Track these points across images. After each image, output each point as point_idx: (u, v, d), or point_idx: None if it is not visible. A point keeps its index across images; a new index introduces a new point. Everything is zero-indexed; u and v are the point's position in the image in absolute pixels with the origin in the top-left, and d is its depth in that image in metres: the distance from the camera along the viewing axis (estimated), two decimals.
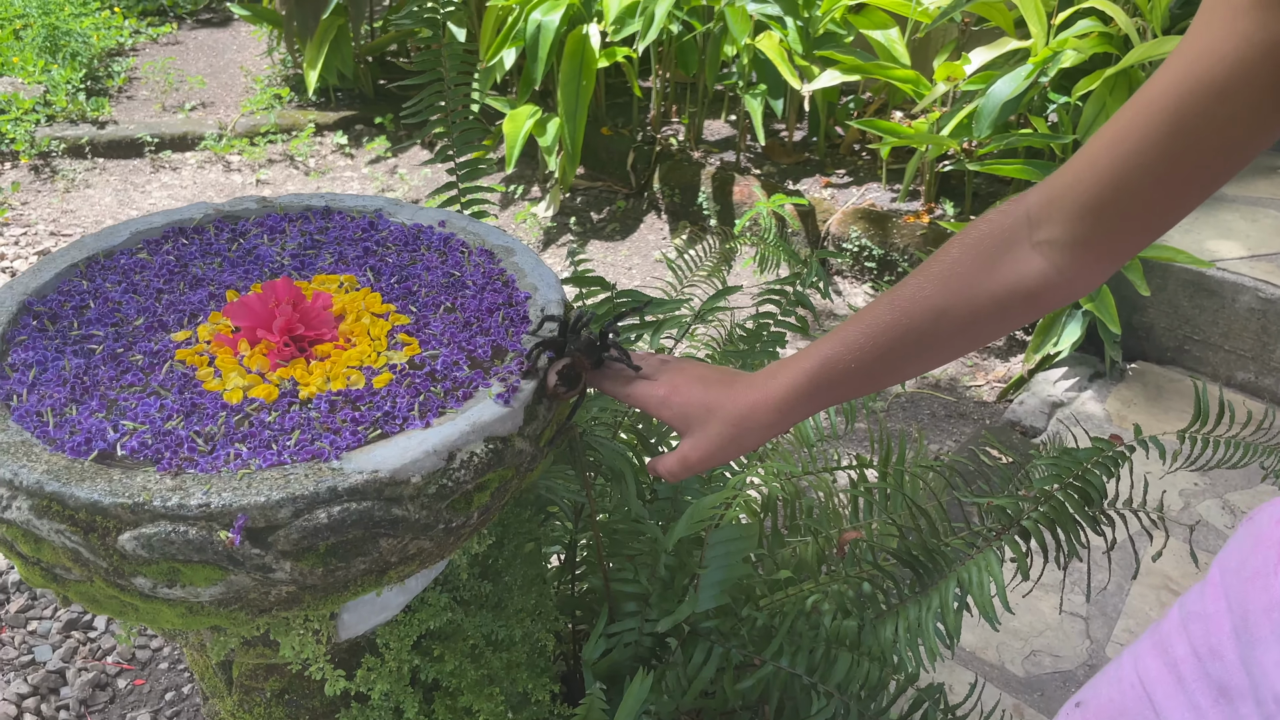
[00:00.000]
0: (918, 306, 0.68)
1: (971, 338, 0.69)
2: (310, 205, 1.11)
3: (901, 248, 2.62)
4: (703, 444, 0.77)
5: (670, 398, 0.78)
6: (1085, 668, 1.63)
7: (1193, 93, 0.55)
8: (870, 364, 0.71)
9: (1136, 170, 0.58)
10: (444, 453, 0.78)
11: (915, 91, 2.63)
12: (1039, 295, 0.66)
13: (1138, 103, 0.58)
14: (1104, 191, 0.60)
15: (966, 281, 0.67)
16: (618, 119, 3.34)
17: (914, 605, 1.13)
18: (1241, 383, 2.27)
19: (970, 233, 0.68)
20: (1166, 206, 0.60)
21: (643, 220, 3.12)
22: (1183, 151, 0.57)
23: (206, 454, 0.76)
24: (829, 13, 2.76)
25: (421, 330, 0.91)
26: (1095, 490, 1.00)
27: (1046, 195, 0.64)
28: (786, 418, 0.74)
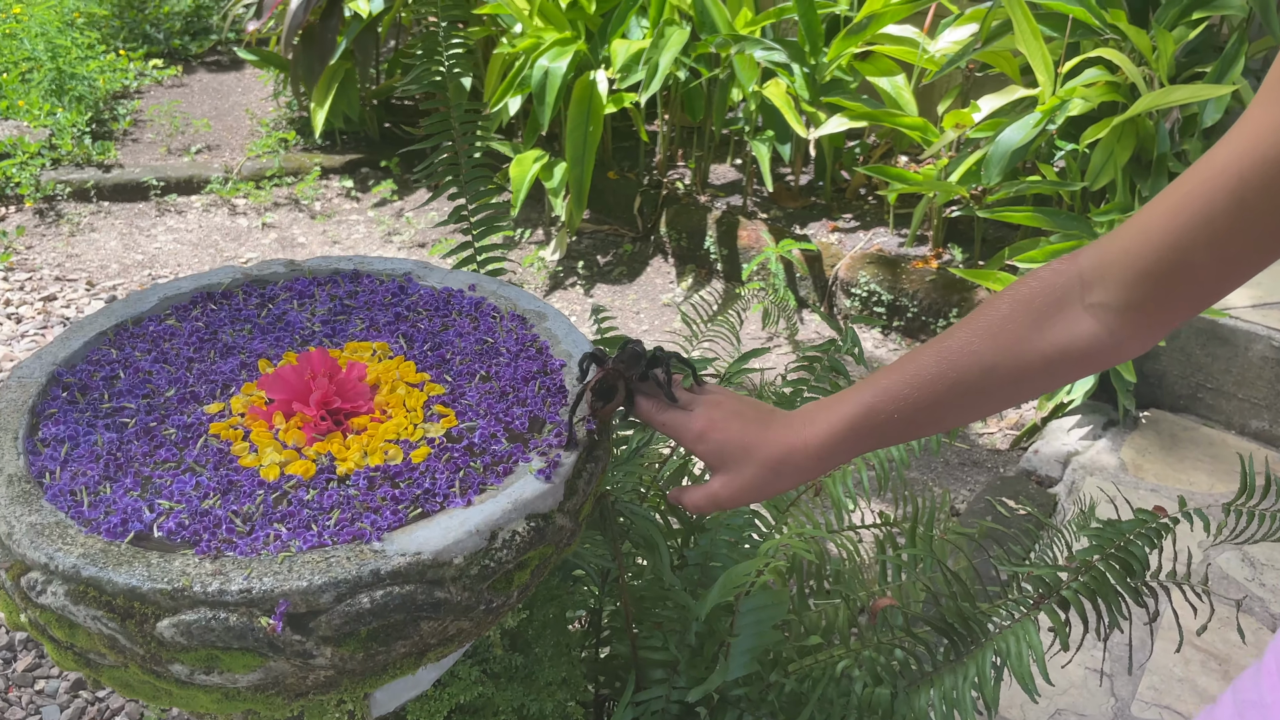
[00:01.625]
0: (966, 360, 0.68)
1: (1018, 393, 0.68)
2: (339, 269, 1.10)
3: (910, 293, 2.62)
4: (735, 484, 0.75)
5: (707, 433, 0.76)
6: None
7: (1256, 169, 0.54)
8: (913, 414, 0.70)
9: (1194, 241, 0.58)
10: (486, 532, 0.76)
11: (923, 138, 2.64)
12: (1089, 356, 0.65)
13: (1198, 175, 0.58)
14: (1160, 260, 0.60)
15: (1016, 338, 0.66)
16: (624, 162, 3.35)
17: (949, 674, 1.12)
18: (1256, 431, 2.26)
19: (1021, 289, 0.67)
20: (1222, 276, 0.59)
21: (649, 263, 3.12)
22: (1243, 226, 0.56)
23: (245, 535, 0.74)
24: (835, 60, 2.78)
25: (457, 400, 0.90)
26: (1138, 561, 0.98)
27: (1100, 258, 0.64)
28: (824, 464, 0.73)
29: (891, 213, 2.86)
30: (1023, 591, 1.07)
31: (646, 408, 0.80)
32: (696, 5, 2.87)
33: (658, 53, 2.69)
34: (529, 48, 2.89)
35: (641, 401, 0.80)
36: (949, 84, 2.97)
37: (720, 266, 2.99)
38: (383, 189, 3.44)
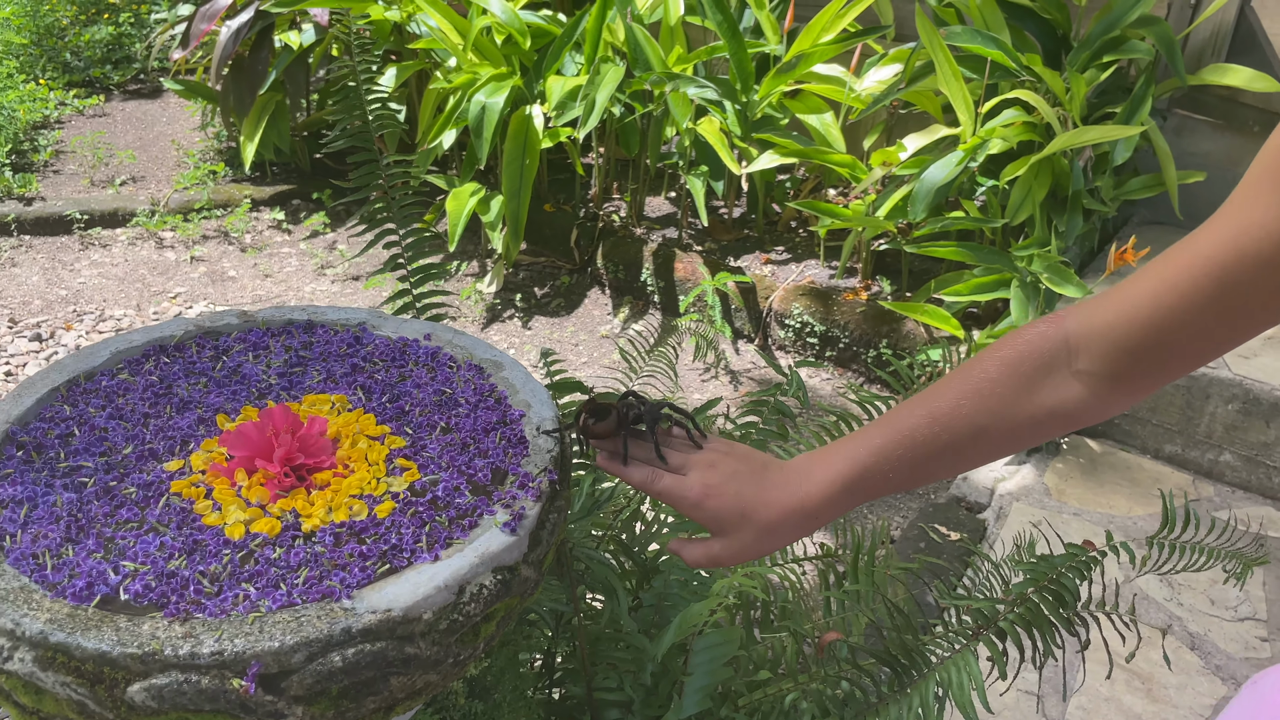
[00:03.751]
0: (958, 422, 0.70)
1: (1006, 450, 0.72)
2: (292, 319, 1.11)
3: (842, 324, 2.69)
4: (734, 546, 0.76)
5: (704, 501, 0.76)
6: None
7: (1239, 262, 0.58)
8: (906, 471, 0.73)
9: (1177, 324, 0.62)
10: (454, 587, 0.78)
11: (852, 174, 2.72)
12: (1076, 417, 0.69)
13: (1182, 260, 0.61)
14: (1145, 338, 0.64)
15: (1006, 401, 0.69)
16: (559, 195, 3.38)
17: (894, 704, 1.16)
18: (1169, 455, 2.37)
19: (1008, 352, 0.70)
20: (1201, 354, 0.64)
21: (587, 296, 3.14)
22: (1224, 312, 0.60)
23: (214, 596, 0.75)
24: (766, 97, 2.86)
25: (419, 453, 0.92)
26: (1069, 593, 1.04)
27: (1086, 327, 0.67)
28: (819, 521, 0.75)
29: (822, 246, 2.94)
30: (962, 623, 1.12)
31: (640, 478, 0.79)
32: (630, 43, 2.93)
33: (594, 89, 2.73)
34: (465, 83, 2.91)
35: (634, 472, 0.79)
36: (874, 121, 3.07)
37: (657, 298, 3.04)
38: (314, 221, 3.41)
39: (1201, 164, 2.82)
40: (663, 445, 0.81)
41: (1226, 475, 2.32)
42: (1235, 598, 1.99)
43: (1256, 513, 2.23)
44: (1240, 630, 1.92)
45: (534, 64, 3.05)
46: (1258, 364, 2.30)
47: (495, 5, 2.96)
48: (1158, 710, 1.74)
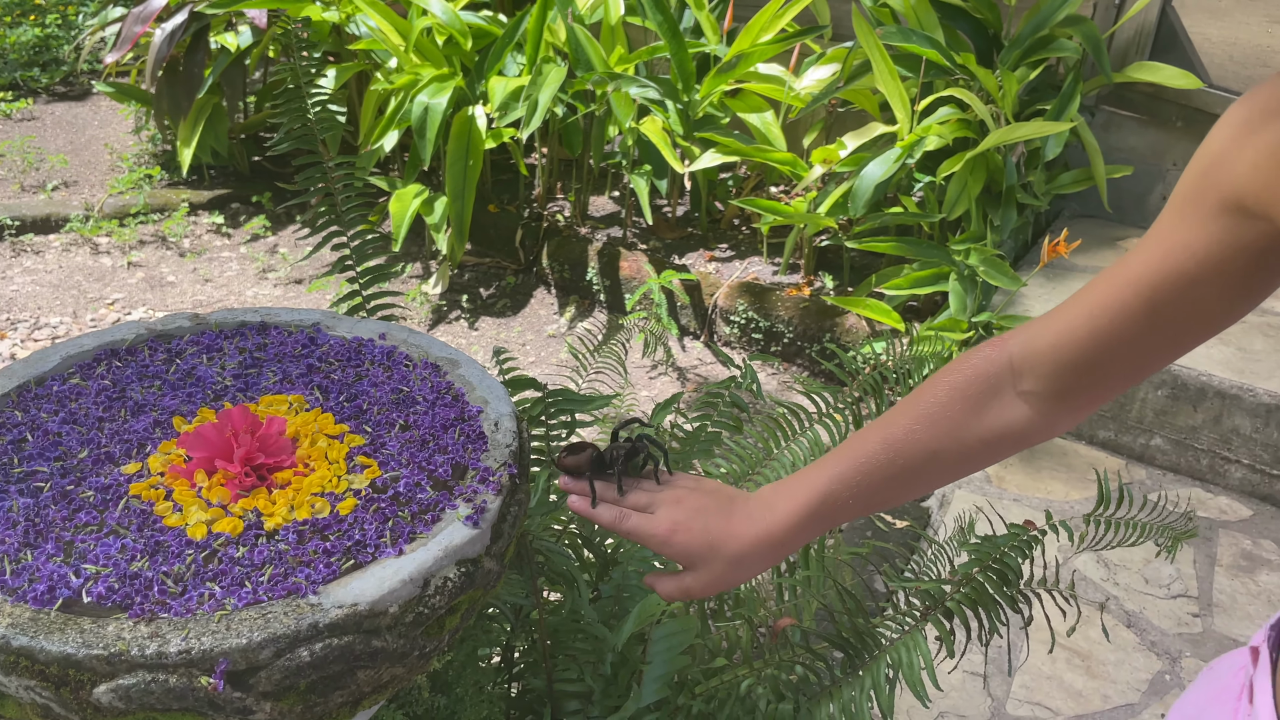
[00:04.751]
0: (911, 448, 0.73)
1: (960, 472, 0.75)
2: (245, 320, 1.11)
3: (786, 319, 2.74)
4: (705, 578, 0.77)
5: (672, 538, 0.77)
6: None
7: (1167, 280, 0.61)
8: (866, 497, 0.75)
9: (1113, 341, 0.65)
10: (419, 580, 0.79)
11: (793, 172, 2.77)
12: (1026, 436, 0.72)
13: (1114, 281, 0.64)
14: (1083, 356, 0.67)
15: (956, 424, 0.72)
16: (503, 196, 3.38)
17: (847, 686, 1.19)
18: (1104, 441, 2.45)
19: (955, 377, 0.73)
20: (1140, 368, 0.66)
21: (533, 295, 3.15)
22: (1157, 327, 0.63)
23: (178, 596, 0.75)
24: (708, 97, 2.89)
25: (379, 450, 0.92)
26: (1013, 571, 1.08)
27: (1028, 348, 0.70)
28: (785, 550, 0.77)
29: (765, 243, 2.98)
30: (910, 605, 1.15)
31: (609, 518, 0.79)
32: (571, 43, 2.94)
33: (537, 90, 2.74)
34: (407, 84, 2.90)
35: (603, 513, 0.79)
36: (814, 119, 3.12)
37: (603, 297, 3.05)
38: (255, 224, 3.37)
39: (1128, 159, 2.92)
40: (629, 483, 0.82)
41: (1157, 459, 2.40)
42: (1168, 576, 2.06)
43: (1186, 494, 2.31)
44: (1173, 607, 1.99)
45: (476, 65, 3.05)
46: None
47: (436, 6, 2.95)
48: (1097, 686, 1.81)
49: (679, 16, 3.06)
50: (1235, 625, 1.96)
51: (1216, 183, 0.58)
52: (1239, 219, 0.57)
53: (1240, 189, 0.56)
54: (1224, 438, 2.31)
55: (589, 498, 0.81)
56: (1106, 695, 1.80)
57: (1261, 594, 2.04)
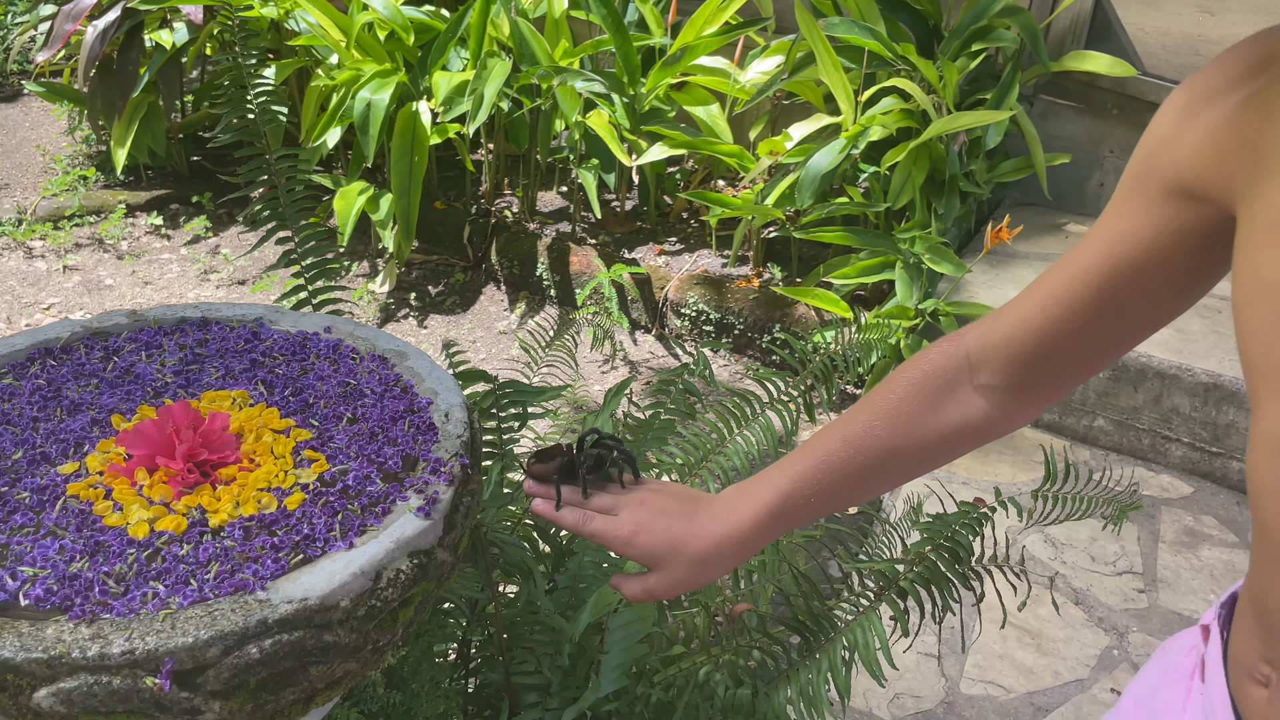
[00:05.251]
0: (870, 444, 0.73)
1: (920, 469, 0.74)
2: (185, 317, 1.08)
3: (736, 311, 2.75)
4: (668, 579, 0.77)
5: (634, 539, 0.76)
6: (944, 705, 1.75)
7: (1116, 268, 0.62)
8: (827, 495, 0.74)
9: (1065, 332, 0.66)
10: (371, 573, 0.78)
11: (740, 164, 2.78)
12: (982, 432, 0.72)
13: (1065, 271, 0.65)
14: (1038, 348, 0.67)
15: (915, 421, 0.72)
16: (449, 192, 3.35)
17: (803, 669, 1.20)
18: (1048, 423, 2.49)
19: (914, 373, 0.73)
20: (1095, 358, 0.67)
21: (482, 292, 3.13)
22: (1108, 316, 0.64)
23: (120, 596, 0.73)
24: (654, 90, 2.89)
25: (326, 444, 0.91)
26: (964, 549, 1.09)
27: (983, 342, 0.71)
28: (749, 550, 0.76)
29: (714, 235, 2.99)
30: (865, 586, 1.16)
31: (572, 521, 0.78)
32: (515, 37, 2.92)
33: (482, 84, 2.72)
34: (349, 80, 2.86)
35: (566, 515, 0.78)
36: (759, 112, 3.13)
37: (554, 293, 3.04)
38: (195, 225, 3.30)
39: (1066, 146, 2.97)
40: (594, 487, 0.81)
41: (1100, 439, 2.45)
42: (1114, 553, 2.10)
43: (1129, 473, 2.36)
44: (1119, 584, 2.03)
45: (418, 60, 3.01)
46: None
47: (378, 1, 2.91)
48: (1048, 663, 1.84)
49: (623, 10, 3.05)
50: (1180, 600, 2.01)
51: (1160, 168, 0.59)
52: (1183, 203, 0.58)
53: (1183, 173, 0.57)
54: (1164, 417, 2.37)
55: (553, 500, 0.79)
56: (1057, 671, 1.83)
57: (1204, 569, 2.09)
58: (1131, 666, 1.85)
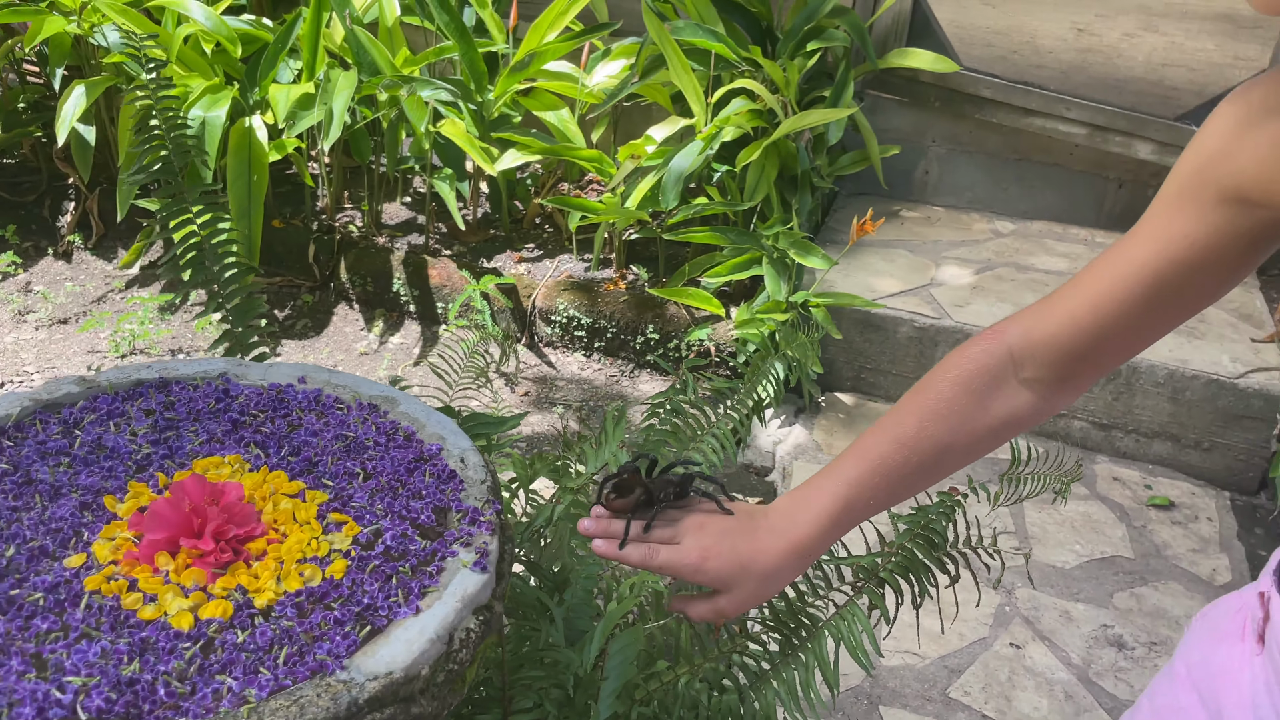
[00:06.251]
0: (924, 444, 0.76)
1: (968, 460, 0.78)
2: (141, 379, 1.00)
3: (608, 315, 2.77)
4: (738, 598, 0.78)
5: (704, 565, 0.77)
6: (869, 679, 1.84)
7: (1169, 268, 0.68)
8: (883, 496, 0.77)
9: (1116, 329, 0.71)
10: (445, 636, 0.76)
11: (598, 169, 2.79)
12: (1027, 421, 0.77)
13: (1116, 272, 0.70)
14: (1087, 344, 0.73)
15: (965, 418, 0.76)
16: (285, 209, 3.19)
17: (785, 668, 1.24)
18: None
19: (956, 372, 0.77)
20: (1137, 347, 0.73)
21: (334, 313, 3.00)
22: (1156, 310, 0.70)
23: (189, 696, 0.68)
24: (502, 97, 2.86)
25: (348, 505, 0.87)
26: (939, 536, 1.16)
27: (1028, 339, 0.75)
28: (811, 558, 0.78)
29: (573, 240, 3.00)
30: (843, 578, 1.21)
31: (639, 557, 0.78)
32: (353, 47, 2.82)
33: (330, 97, 2.61)
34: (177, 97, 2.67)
35: (631, 553, 0.78)
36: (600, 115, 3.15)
37: (413, 308, 2.96)
38: (1, 262, 3.00)
39: (894, 139, 3.16)
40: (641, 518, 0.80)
41: None
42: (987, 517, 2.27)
43: None
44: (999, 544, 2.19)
45: (245, 73, 2.85)
46: (971, 311, 2.62)
47: (198, 12, 2.74)
48: (953, 627, 1.97)
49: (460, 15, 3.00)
50: (1051, 553, 2.19)
51: (1216, 177, 0.65)
52: (1240, 209, 0.64)
53: (1242, 181, 0.63)
54: None
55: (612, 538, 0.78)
56: (962, 634, 1.96)
57: (1065, 522, 2.29)
58: (1023, 620, 2.01)
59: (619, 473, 0.81)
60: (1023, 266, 2.89)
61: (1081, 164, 3.05)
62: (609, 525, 0.80)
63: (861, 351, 2.65)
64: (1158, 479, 2.44)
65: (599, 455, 1.09)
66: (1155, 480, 2.44)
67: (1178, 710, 0.75)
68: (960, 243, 3.01)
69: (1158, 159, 2.91)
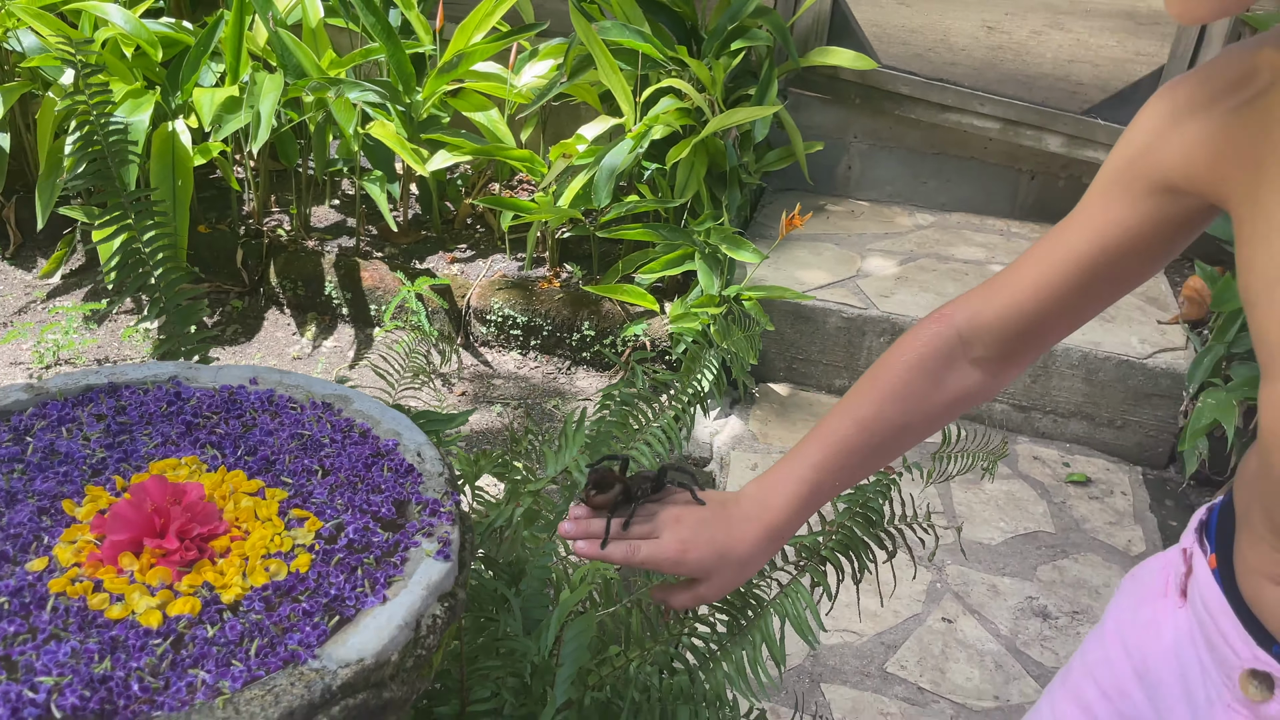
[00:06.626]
0: (883, 425, 0.81)
1: (926, 435, 0.83)
2: (91, 384, 1.00)
3: (543, 313, 2.79)
4: (718, 584, 0.80)
5: (685, 557, 0.79)
6: (810, 658, 1.90)
7: (1104, 254, 0.73)
8: (846, 476, 0.82)
9: (1056, 309, 0.77)
10: (412, 623, 0.78)
11: (529, 168, 2.81)
12: (978, 396, 0.83)
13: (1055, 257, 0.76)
14: (1030, 324, 0.78)
15: (921, 398, 0.81)
16: (211, 214, 3.15)
17: (736, 646, 1.28)
18: (840, 389, 2.73)
19: (911, 355, 0.81)
20: (1072, 326, 0.79)
21: (265, 318, 2.97)
22: (1093, 293, 0.76)
23: (164, 690, 0.69)
24: (430, 98, 2.86)
25: (307, 501, 0.88)
26: (876, 513, 1.21)
27: (975, 321, 0.80)
28: (783, 540, 0.82)
29: (506, 240, 3.01)
30: (786, 559, 1.26)
31: (621, 554, 0.79)
32: (277, 49, 2.79)
33: (257, 100, 2.58)
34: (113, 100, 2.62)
35: (614, 551, 0.79)
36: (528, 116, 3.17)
37: (346, 311, 2.95)
38: None
39: (818, 135, 3.24)
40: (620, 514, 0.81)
41: None
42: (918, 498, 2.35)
43: None
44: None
45: (166, 77, 2.81)
46: (896, 300, 2.70)
47: (117, 16, 2.69)
48: (889, 604, 2.04)
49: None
50: (978, 531, 2.28)
51: (1146, 168, 0.70)
52: (1169, 197, 0.70)
53: (1170, 173, 0.69)
54: None
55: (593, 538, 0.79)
56: (897, 610, 2.03)
57: (990, 501, 2.38)
58: (953, 595, 2.09)
59: (595, 468, 0.82)
60: (943, 257, 2.99)
61: (996, 157, 3.16)
62: (588, 525, 0.81)
63: (793, 342, 2.71)
64: (1075, 457, 2.56)
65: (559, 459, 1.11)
66: (1073, 458, 2.55)
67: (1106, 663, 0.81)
68: (884, 235, 3.10)
69: (1067, 151, 3.04)
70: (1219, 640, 0.71)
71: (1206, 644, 0.73)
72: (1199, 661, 0.74)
